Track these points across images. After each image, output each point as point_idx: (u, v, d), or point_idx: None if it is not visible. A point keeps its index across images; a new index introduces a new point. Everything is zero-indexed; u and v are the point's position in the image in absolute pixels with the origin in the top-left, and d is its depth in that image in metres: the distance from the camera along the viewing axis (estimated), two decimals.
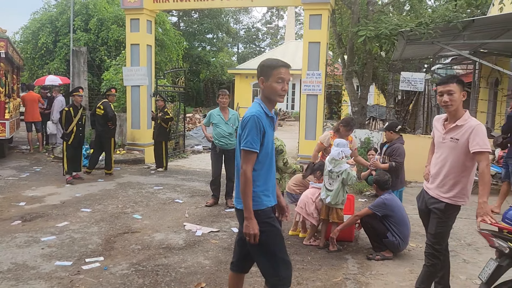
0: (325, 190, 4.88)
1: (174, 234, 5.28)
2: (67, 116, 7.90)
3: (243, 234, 2.67)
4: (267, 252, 2.73)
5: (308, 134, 9.50)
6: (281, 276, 2.73)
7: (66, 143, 8.03)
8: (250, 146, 2.62)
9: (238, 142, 2.75)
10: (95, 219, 5.74)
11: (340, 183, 4.79)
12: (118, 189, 7.56)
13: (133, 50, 10.56)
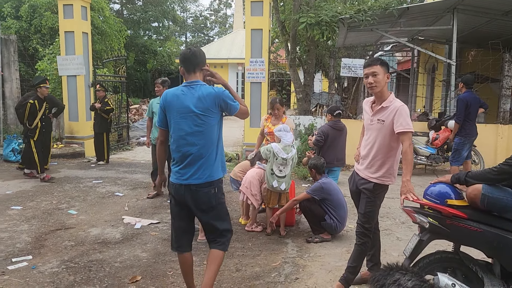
0: (275, 179, 4.81)
1: (111, 228, 5.09)
2: (32, 110, 7.35)
3: None
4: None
5: (253, 122, 9.48)
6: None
7: (32, 140, 7.45)
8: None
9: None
10: (26, 217, 5.41)
11: (291, 167, 4.85)
12: (54, 185, 7.18)
13: (67, 37, 10.00)
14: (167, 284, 3.65)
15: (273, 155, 4.80)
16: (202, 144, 2.96)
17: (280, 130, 4.94)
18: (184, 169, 2.99)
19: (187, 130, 2.95)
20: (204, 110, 2.93)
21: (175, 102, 2.99)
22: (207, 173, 2.98)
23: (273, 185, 4.83)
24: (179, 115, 2.97)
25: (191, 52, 3.03)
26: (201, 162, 2.97)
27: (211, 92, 2.95)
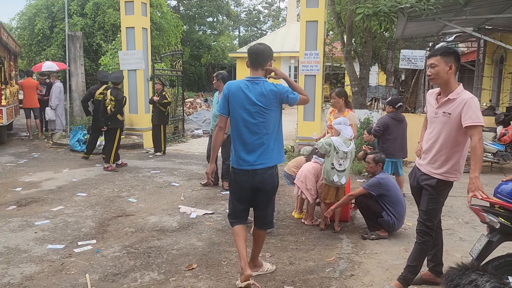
0: (335, 173, 4.71)
1: (168, 217, 5.25)
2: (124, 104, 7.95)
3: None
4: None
5: (306, 115, 9.39)
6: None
7: (119, 131, 7.96)
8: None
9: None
10: (90, 203, 5.72)
11: (350, 161, 4.77)
12: (115, 174, 7.53)
13: (128, 33, 10.42)
14: (222, 274, 3.71)
15: (334, 148, 4.70)
16: (263, 133, 3.30)
17: (339, 123, 4.84)
18: (248, 155, 3.34)
19: (250, 121, 3.29)
20: (266, 104, 3.26)
21: (239, 94, 3.31)
22: (268, 158, 3.35)
23: (333, 179, 4.73)
24: (243, 107, 3.30)
25: (258, 51, 3.35)
26: (262, 149, 3.32)
27: (273, 89, 3.28)
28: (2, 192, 6.18)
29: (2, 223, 4.86)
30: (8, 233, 4.54)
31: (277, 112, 3.35)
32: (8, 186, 6.53)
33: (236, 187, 3.50)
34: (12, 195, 6.04)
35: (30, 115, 11.25)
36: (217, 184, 6.80)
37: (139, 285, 3.48)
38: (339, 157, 4.70)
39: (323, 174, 4.83)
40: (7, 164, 8.12)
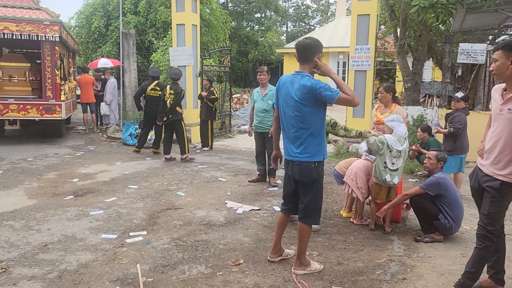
0: (388, 172, 4.54)
1: (215, 212, 5.30)
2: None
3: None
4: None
5: (356, 112, 9.16)
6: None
7: (184, 124, 8.36)
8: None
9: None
10: (141, 195, 5.89)
11: (403, 160, 4.60)
12: (164, 167, 7.72)
13: (179, 30, 10.62)
14: (269, 271, 3.68)
15: (387, 147, 4.51)
16: (299, 127, 3.37)
17: (392, 120, 4.65)
18: (289, 146, 3.48)
19: (290, 114, 3.39)
20: (301, 98, 3.29)
21: (284, 87, 3.45)
22: (304, 153, 3.39)
23: (385, 179, 4.55)
24: (285, 99, 3.44)
25: (305, 45, 3.39)
26: (299, 143, 3.40)
27: (306, 85, 3.28)
28: (61, 182, 6.50)
29: (61, 212, 5.11)
30: (65, 222, 4.77)
31: (314, 108, 3.31)
32: (66, 177, 6.86)
33: (285, 175, 3.73)
34: (69, 185, 6.35)
35: (86, 109, 11.81)
36: (264, 180, 6.79)
37: (187, 277, 3.52)
38: (392, 156, 4.52)
39: (374, 172, 4.66)
40: (65, 156, 8.56)
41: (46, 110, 9.28)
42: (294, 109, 3.35)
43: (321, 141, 3.44)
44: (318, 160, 3.41)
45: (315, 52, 3.37)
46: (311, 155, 3.38)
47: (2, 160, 7.87)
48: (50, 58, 9.23)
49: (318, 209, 3.56)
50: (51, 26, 8.93)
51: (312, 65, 3.40)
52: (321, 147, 3.45)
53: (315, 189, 3.50)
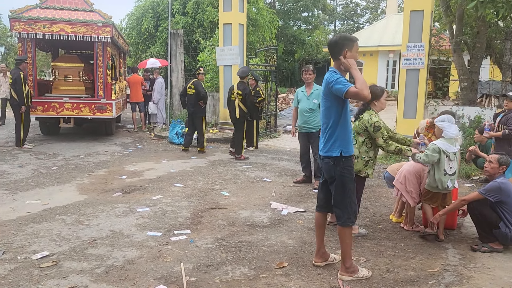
0: (448, 178, 4.28)
1: (259, 212, 5.23)
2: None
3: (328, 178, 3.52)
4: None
5: (407, 112, 8.79)
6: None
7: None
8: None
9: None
10: (186, 194, 5.93)
11: (457, 161, 4.34)
12: (209, 166, 7.76)
13: (225, 29, 10.68)
14: (313, 275, 3.55)
15: (443, 153, 4.24)
16: (325, 121, 3.47)
17: (443, 121, 4.38)
18: (321, 139, 3.57)
19: (321, 108, 3.53)
20: (324, 93, 3.44)
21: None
22: (326, 148, 3.45)
23: (448, 186, 4.30)
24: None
25: (332, 42, 3.44)
26: (324, 137, 3.48)
27: (325, 79, 3.39)
28: (110, 179, 6.69)
29: (109, 208, 5.24)
30: (113, 218, 4.87)
31: (333, 103, 3.35)
32: (115, 174, 7.06)
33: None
34: (118, 182, 6.52)
35: (135, 108, 12.15)
36: (310, 182, 6.65)
37: (230, 278, 3.47)
38: (449, 160, 4.26)
39: (432, 182, 4.38)
40: (115, 153, 8.83)
41: (97, 108, 9.63)
42: (322, 103, 3.51)
43: (340, 136, 3.40)
44: (336, 156, 3.39)
45: (342, 49, 3.35)
46: (328, 149, 3.43)
47: (57, 156, 8.24)
48: (102, 59, 9.57)
49: (345, 208, 3.44)
50: (104, 28, 9.24)
51: (340, 62, 3.39)
52: (342, 142, 3.40)
53: (339, 186, 3.43)
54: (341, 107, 3.36)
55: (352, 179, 3.46)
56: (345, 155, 3.40)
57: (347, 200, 3.43)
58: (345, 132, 3.42)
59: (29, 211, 5.04)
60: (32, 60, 9.35)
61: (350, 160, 3.45)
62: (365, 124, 4.30)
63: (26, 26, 8.91)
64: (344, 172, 3.41)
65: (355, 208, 3.51)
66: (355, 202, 3.51)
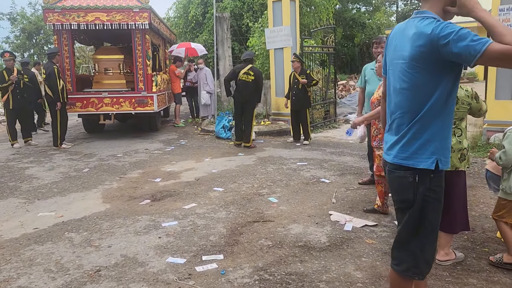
0: None
1: (315, 227, 4.03)
2: None
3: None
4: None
5: (500, 92, 7.05)
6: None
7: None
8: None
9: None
10: (225, 202, 4.86)
11: None
12: (258, 165, 6.65)
13: (275, 8, 9.47)
14: None
15: None
16: (409, 109, 1.99)
17: None
18: (387, 137, 2.17)
19: (394, 85, 2.06)
20: (413, 57, 1.91)
21: (394, 39, 2.09)
22: (406, 153, 2.01)
23: None
24: (391, 61, 2.10)
25: None
26: (401, 134, 2.03)
27: (424, 31, 1.85)
28: (141, 183, 5.81)
29: (130, 221, 4.30)
30: (131, 236, 3.91)
31: (434, 77, 1.89)
32: (150, 176, 6.17)
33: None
34: (150, 186, 5.61)
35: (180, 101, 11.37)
36: None
37: None
38: None
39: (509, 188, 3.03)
40: (155, 151, 8.00)
41: (138, 103, 8.87)
42: (401, 77, 1.99)
43: (439, 136, 1.98)
44: (424, 168, 1.97)
45: None
46: (411, 155, 1.99)
47: (92, 157, 7.55)
48: (141, 48, 8.78)
49: (414, 252, 2.07)
50: (141, 13, 8.42)
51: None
52: (440, 145, 1.99)
53: (415, 217, 2.04)
54: (449, 84, 1.92)
55: (439, 208, 2.06)
56: (441, 168, 2.00)
57: (422, 240, 2.06)
58: (447, 130, 2.01)
59: (37, 226, 4.23)
60: (69, 54, 8.77)
61: (442, 176, 2.06)
62: (466, 101, 3.05)
63: (60, 17, 8.31)
64: (430, 195, 2.01)
65: (432, 255, 2.13)
66: (434, 246, 2.13)
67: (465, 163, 3.10)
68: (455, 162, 3.04)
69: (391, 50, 2.10)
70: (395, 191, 2.14)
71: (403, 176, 2.03)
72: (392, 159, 2.07)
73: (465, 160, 3.09)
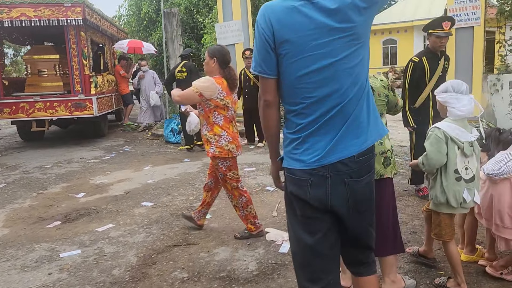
0: (463, 186, 2.52)
1: (246, 250, 3.39)
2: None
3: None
4: None
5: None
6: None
7: None
8: None
9: None
10: (149, 220, 4.16)
11: (477, 159, 2.63)
12: (201, 172, 5.96)
13: (225, 2, 8.80)
14: None
15: (451, 141, 2.50)
16: (358, 82, 1.69)
17: (444, 91, 2.58)
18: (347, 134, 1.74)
19: (333, 59, 1.66)
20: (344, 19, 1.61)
21: (293, 18, 1.67)
22: (367, 132, 1.73)
23: (465, 198, 2.51)
24: (308, 41, 1.66)
25: None
26: (363, 113, 1.72)
27: None
28: (60, 199, 5.03)
29: (23, 252, 3.54)
30: (15, 274, 3.16)
31: (366, 43, 1.68)
32: (73, 190, 5.40)
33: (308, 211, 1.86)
34: (68, 204, 4.83)
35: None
36: None
37: None
38: (464, 156, 2.51)
39: (439, 195, 2.56)
40: (91, 160, 7.19)
41: (75, 107, 8.03)
42: (345, 43, 1.61)
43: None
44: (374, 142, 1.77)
45: None
46: (371, 134, 1.73)
47: (16, 169, 6.68)
48: (76, 46, 7.94)
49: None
50: (73, 8, 7.59)
51: None
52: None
53: (372, 197, 1.87)
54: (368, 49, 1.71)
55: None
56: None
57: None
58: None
59: None
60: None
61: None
62: (383, 92, 2.51)
63: None
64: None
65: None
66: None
67: (391, 168, 2.50)
68: (378, 169, 2.43)
69: (297, 31, 1.70)
70: (364, 185, 1.82)
71: (369, 157, 1.79)
72: (362, 148, 1.79)
73: (391, 165, 2.49)
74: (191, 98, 3.40)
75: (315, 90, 1.64)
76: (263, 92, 1.77)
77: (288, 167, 1.73)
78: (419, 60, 4.17)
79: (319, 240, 1.72)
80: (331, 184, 1.64)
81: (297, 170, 1.68)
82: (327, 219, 1.71)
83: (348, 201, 1.67)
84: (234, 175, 3.54)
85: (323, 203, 1.67)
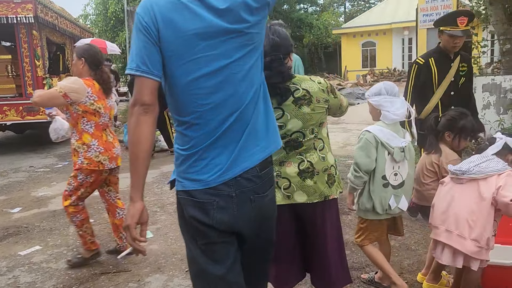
0: (390, 192, 2.40)
1: (183, 277, 2.96)
2: None
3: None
4: None
5: None
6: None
7: None
8: None
9: None
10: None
11: (410, 165, 2.51)
12: (155, 183, 5.52)
13: None
14: None
15: (381, 146, 2.35)
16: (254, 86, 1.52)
17: (378, 94, 2.44)
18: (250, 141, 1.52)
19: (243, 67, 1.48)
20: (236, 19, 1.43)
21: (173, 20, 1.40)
22: (266, 140, 1.54)
23: (390, 205, 2.39)
24: (195, 44, 1.40)
25: None
26: (262, 122, 1.53)
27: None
28: None
29: None
30: None
31: (259, 49, 1.51)
32: (10, 204, 4.88)
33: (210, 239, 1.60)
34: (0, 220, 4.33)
35: None
36: None
37: None
38: (394, 161, 2.37)
39: (365, 201, 2.43)
40: (40, 169, 6.65)
41: (27, 111, 7.48)
42: (239, 43, 1.41)
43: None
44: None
45: None
46: (270, 143, 1.55)
47: None
48: (27, 46, 7.40)
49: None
50: (23, 5, 7.05)
51: None
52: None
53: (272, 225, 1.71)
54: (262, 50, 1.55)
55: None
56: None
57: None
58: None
59: None
60: None
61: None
62: (322, 97, 2.06)
63: None
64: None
65: None
66: None
67: (336, 187, 2.11)
68: (322, 189, 2.04)
69: (179, 35, 1.52)
70: (269, 201, 1.67)
71: (270, 171, 1.65)
72: (262, 157, 1.62)
73: (336, 182, 2.11)
74: (53, 100, 2.92)
75: (209, 96, 1.40)
76: (140, 95, 1.40)
77: (185, 189, 1.45)
78: (425, 62, 3.43)
79: (231, 267, 1.49)
80: (238, 204, 1.45)
81: (196, 192, 1.43)
82: (233, 241, 1.51)
83: (255, 220, 1.50)
84: (84, 193, 3.09)
85: (231, 226, 1.46)
